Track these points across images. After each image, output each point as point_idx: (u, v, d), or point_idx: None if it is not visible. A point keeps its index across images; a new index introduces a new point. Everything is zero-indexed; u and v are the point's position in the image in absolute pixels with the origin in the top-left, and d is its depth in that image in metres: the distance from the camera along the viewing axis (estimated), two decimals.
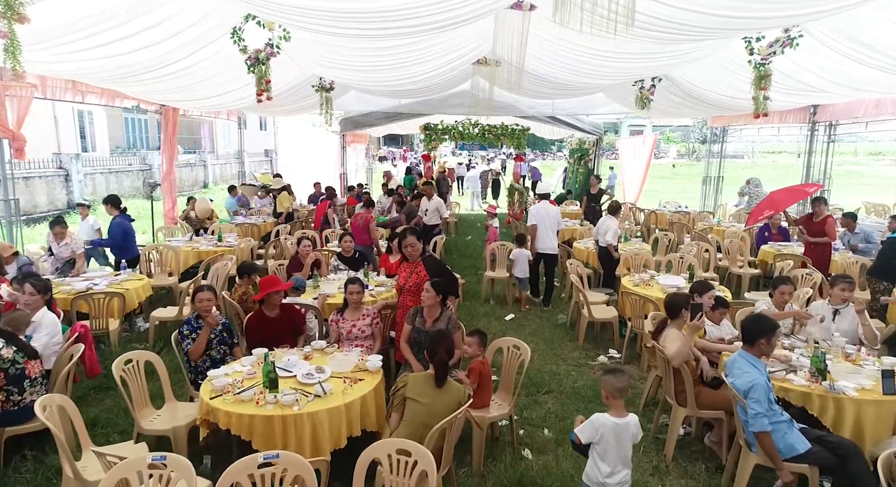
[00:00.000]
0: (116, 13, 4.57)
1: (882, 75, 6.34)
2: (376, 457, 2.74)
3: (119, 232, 7.20)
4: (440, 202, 10.01)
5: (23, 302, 4.09)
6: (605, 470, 2.74)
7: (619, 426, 2.73)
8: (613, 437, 2.73)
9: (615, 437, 2.73)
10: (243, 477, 2.48)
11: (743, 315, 4.74)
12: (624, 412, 2.77)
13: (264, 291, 4.37)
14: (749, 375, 3.29)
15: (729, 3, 4.22)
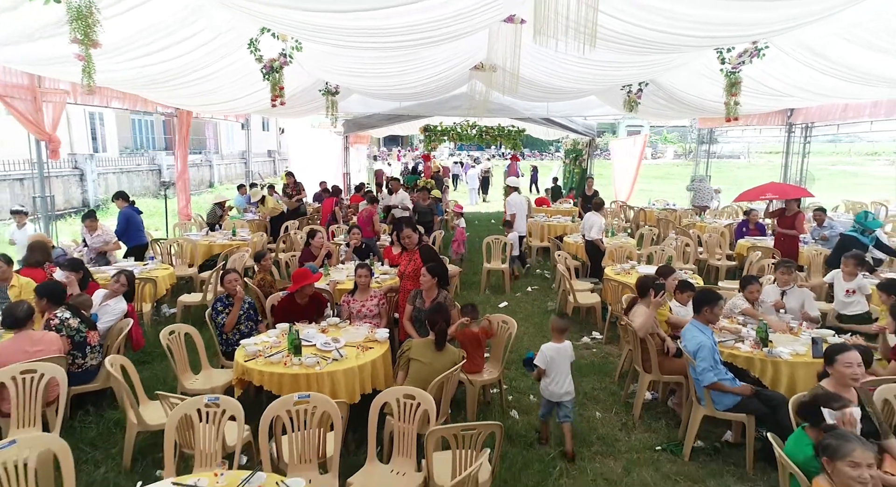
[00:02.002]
0: (154, 31, 5.19)
1: (842, 84, 6.98)
2: (387, 401, 3.37)
3: (122, 220, 7.78)
4: (405, 195, 10.86)
5: (112, 289, 4.77)
6: (553, 383, 4.05)
7: (559, 349, 4.09)
8: (556, 355, 4.06)
9: (558, 355, 4.06)
10: (282, 412, 3.12)
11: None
12: (562, 341, 4.13)
13: (297, 284, 4.97)
14: (697, 338, 3.94)
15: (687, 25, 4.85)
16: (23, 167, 13.64)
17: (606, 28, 4.78)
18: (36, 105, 6.98)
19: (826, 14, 4.66)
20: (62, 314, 4.20)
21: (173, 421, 3.11)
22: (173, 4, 4.98)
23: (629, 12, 4.55)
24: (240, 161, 26.91)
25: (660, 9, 4.44)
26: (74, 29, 3.43)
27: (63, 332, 4.12)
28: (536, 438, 4.28)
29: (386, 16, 5.05)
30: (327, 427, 3.28)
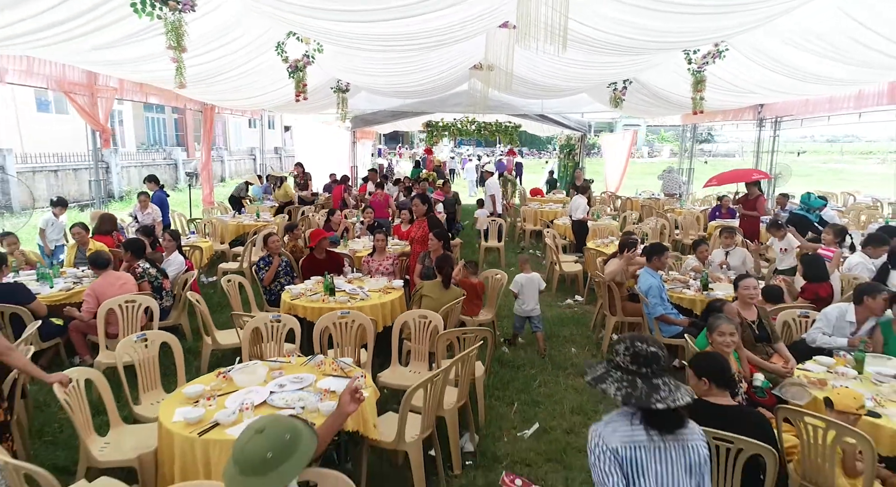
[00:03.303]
0: (206, 37, 6.24)
1: (792, 81, 8.03)
2: (406, 321, 4.44)
3: (157, 202, 8.86)
4: (393, 188, 12.21)
5: (165, 247, 5.89)
6: (524, 303, 5.53)
7: (528, 277, 5.68)
8: (526, 282, 5.62)
9: (527, 282, 5.61)
10: (330, 323, 4.19)
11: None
12: (529, 272, 5.71)
13: (315, 239, 6.07)
14: (648, 281, 5.01)
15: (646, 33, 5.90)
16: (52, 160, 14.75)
17: (579, 33, 5.84)
18: (92, 100, 8.04)
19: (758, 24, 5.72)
20: (143, 264, 5.26)
21: (247, 332, 4.17)
22: (222, 14, 6.04)
23: (596, 21, 5.60)
24: (248, 157, 28.00)
25: (622, 20, 5.50)
26: (169, 37, 4.48)
27: (145, 278, 5.19)
28: (508, 341, 5.79)
29: (397, 24, 6.10)
30: (362, 339, 4.34)
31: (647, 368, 1.94)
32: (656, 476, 1.88)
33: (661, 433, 1.90)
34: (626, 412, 1.98)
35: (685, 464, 1.92)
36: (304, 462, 1.80)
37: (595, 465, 1.91)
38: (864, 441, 2.62)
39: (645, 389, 1.90)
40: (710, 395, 2.71)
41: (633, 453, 1.89)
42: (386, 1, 4.91)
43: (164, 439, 2.88)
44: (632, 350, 1.97)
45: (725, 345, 3.31)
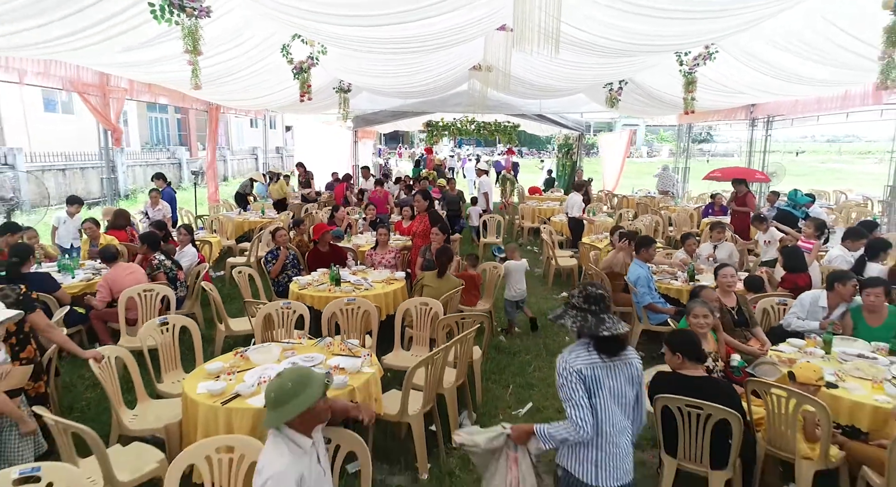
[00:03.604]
0: (216, 40, 6.53)
1: (779, 82, 8.32)
2: (408, 308, 4.73)
3: (166, 198, 9.15)
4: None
5: (180, 240, 6.16)
6: (512, 288, 5.89)
7: (516, 264, 6.01)
8: (514, 268, 5.97)
9: (515, 268, 5.96)
10: (337, 310, 4.48)
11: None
12: (518, 259, 6.01)
13: (318, 233, 6.37)
14: (636, 272, 5.30)
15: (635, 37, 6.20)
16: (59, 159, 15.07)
17: (572, 37, 6.13)
18: (104, 100, 8.33)
19: (743, 28, 6.00)
20: (159, 256, 5.56)
21: (260, 318, 4.46)
22: (232, 18, 6.32)
23: (588, 24, 5.89)
24: (250, 156, 28.30)
25: (612, 24, 5.79)
26: (186, 42, 4.77)
27: (161, 269, 5.48)
28: (505, 330, 6.01)
29: (399, 27, 6.38)
30: (367, 326, 4.63)
31: (596, 306, 2.37)
32: (609, 388, 2.34)
33: (610, 355, 2.35)
34: (583, 343, 2.40)
35: (628, 377, 2.40)
36: (319, 390, 2.12)
37: (563, 385, 2.31)
38: (820, 408, 2.91)
39: (594, 321, 2.34)
40: (683, 368, 3.00)
41: (592, 372, 2.32)
42: (387, 7, 5.19)
43: (189, 409, 3.17)
44: (584, 293, 2.41)
45: (699, 326, 3.60)
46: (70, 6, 4.61)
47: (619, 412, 2.36)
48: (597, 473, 2.32)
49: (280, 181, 12.44)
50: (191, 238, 6.30)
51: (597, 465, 2.32)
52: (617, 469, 2.34)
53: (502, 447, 2.55)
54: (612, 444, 2.33)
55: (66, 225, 7.75)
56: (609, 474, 2.32)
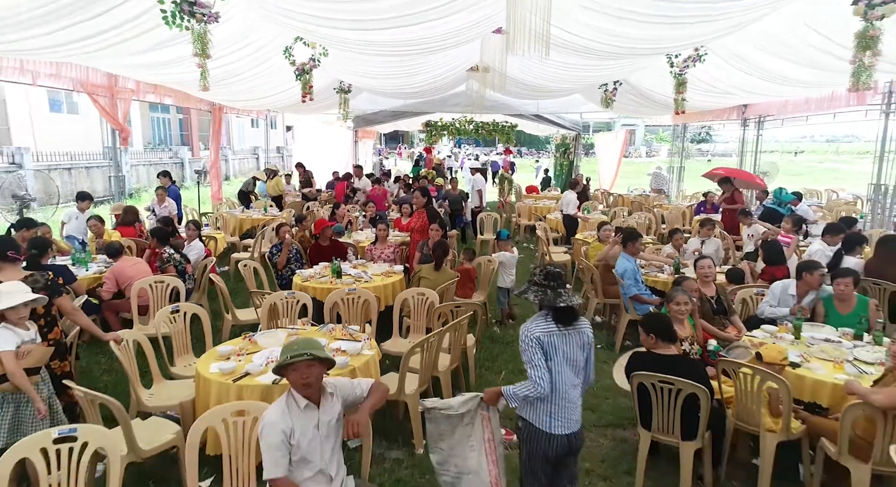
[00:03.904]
0: (225, 44, 6.79)
1: (766, 83, 8.58)
2: (406, 298, 4.99)
3: (172, 195, 9.42)
4: (367, 181, 12.73)
5: (188, 235, 6.43)
6: (502, 278, 6.23)
7: (508, 256, 6.35)
8: (506, 259, 6.29)
9: (507, 259, 6.27)
10: (338, 298, 4.74)
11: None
12: (511, 250, 6.33)
13: (318, 228, 6.64)
14: (624, 265, 5.56)
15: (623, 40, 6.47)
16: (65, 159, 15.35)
17: (564, 40, 6.40)
18: (112, 101, 8.59)
19: (728, 31, 6.27)
20: (169, 250, 5.82)
21: (265, 307, 4.73)
22: (238, 22, 6.58)
23: (579, 28, 6.15)
24: (251, 156, 28.58)
25: (600, 28, 6.05)
26: (196, 46, 5.03)
27: (171, 263, 5.75)
28: (499, 321, 6.33)
29: (398, 31, 6.65)
30: (367, 316, 4.90)
31: (554, 282, 2.74)
32: (563, 352, 2.72)
33: (565, 324, 2.71)
34: (543, 314, 2.77)
35: (580, 343, 2.78)
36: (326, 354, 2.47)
37: (525, 350, 2.71)
38: (781, 384, 3.18)
39: (552, 295, 2.71)
40: (656, 348, 3.27)
41: (549, 338, 2.69)
42: (386, 12, 5.45)
43: (202, 386, 3.43)
44: (544, 272, 2.78)
45: (679, 312, 3.87)
46: (85, 13, 4.88)
47: (571, 373, 2.74)
48: (550, 422, 2.71)
49: (276, 178, 12.81)
50: (198, 233, 6.56)
51: (551, 415, 2.71)
52: (567, 419, 2.72)
53: (475, 409, 2.89)
54: (564, 399, 2.71)
55: (77, 220, 8.02)
56: (560, 423, 2.71)
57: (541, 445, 2.71)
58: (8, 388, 2.97)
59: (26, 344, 3.06)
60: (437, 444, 2.98)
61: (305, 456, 2.39)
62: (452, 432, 2.93)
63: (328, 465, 2.46)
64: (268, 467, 2.33)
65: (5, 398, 3.05)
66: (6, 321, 3.02)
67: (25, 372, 3.00)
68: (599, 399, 4.62)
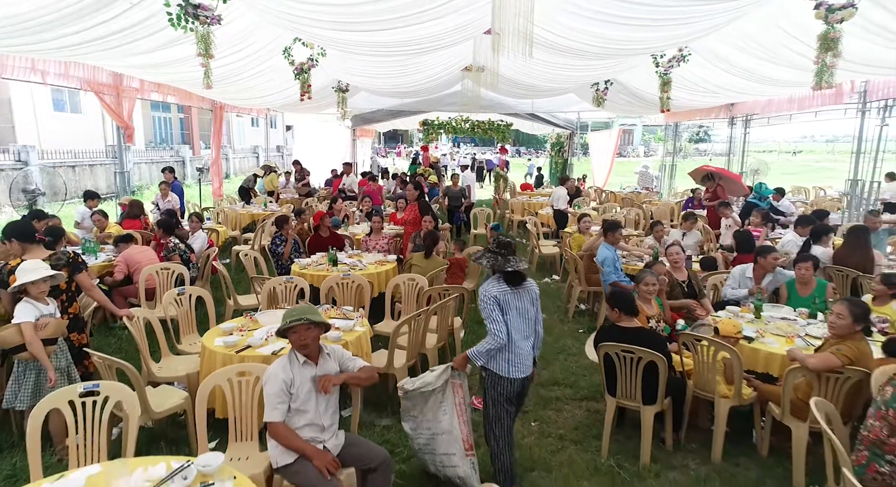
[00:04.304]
0: (227, 44, 7.11)
1: (746, 82, 8.90)
2: (397, 283, 5.32)
3: (175, 189, 9.76)
4: (354, 179, 13.19)
5: (192, 227, 6.75)
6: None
7: None
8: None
9: None
10: (334, 283, 5.07)
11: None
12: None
13: (318, 219, 6.97)
14: (604, 254, 5.89)
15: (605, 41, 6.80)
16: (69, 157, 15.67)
17: (551, 41, 6.73)
18: (118, 100, 8.93)
19: (706, 32, 6.60)
20: (174, 240, 6.15)
21: (265, 290, 5.06)
22: (240, 23, 6.91)
23: (561, 30, 6.48)
24: (251, 155, 28.91)
25: (581, 29, 6.39)
26: (199, 47, 5.36)
27: (176, 252, 6.08)
28: None
29: (392, 32, 6.97)
30: (360, 301, 5.22)
31: (505, 249, 3.17)
32: (517, 307, 3.14)
33: (515, 285, 3.14)
34: (497, 277, 3.19)
35: (530, 299, 3.22)
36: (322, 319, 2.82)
37: (484, 308, 3.10)
38: (734, 353, 3.51)
39: (503, 261, 3.14)
40: (620, 321, 3.61)
41: (503, 297, 3.10)
42: (379, 14, 5.77)
43: (207, 358, 3.76)
44: (497, 241, 3.19)
45: (647, 292, 4.21)
46: (96, 17, 5.21)
47: (524, 326, 3.18)
48: (509, 368, 3.13)
49: (271, 175, 13.30)
50: (201, 225, 6.89)
51: (509, 362, 3.13)
52: (522, 364, 3.16)
53: (448, 378, 3.25)
54: (519, 348, 3.14)
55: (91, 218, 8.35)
56: (517, 368, 3.14)
57: (504, 388, 3.14)
58: (29, 356, 3.30)
59: (45, 317, 3.38)
60: (409, 413, 3.37)
61: (301, 406, 2.72)
62: (425, 402, 3.30)
63: (321, 417, 2.78)
64: (268, 412, 2.66)
65: (27, 366, 3.37)
66: (28, 296, 3.35)
67: (42, 342, 3.33)
68: (577, 377, 4.95)
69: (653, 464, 3.57)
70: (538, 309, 3.29)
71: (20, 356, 3.33)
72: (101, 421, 2.75)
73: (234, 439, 3.04)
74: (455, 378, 3.28)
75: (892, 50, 6.29)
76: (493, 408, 3.18)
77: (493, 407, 3.18)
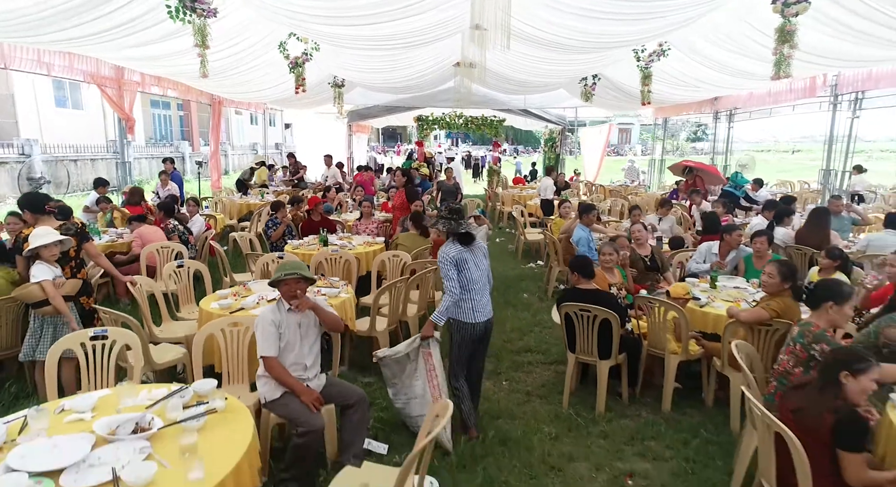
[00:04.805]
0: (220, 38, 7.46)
1: (721, 75, 9.26)
2: (383, 260, 5.68)
3: (175, 179, 10.13)
4: (336, 170, 13.62)
5: (189, 211, 7.11)
6: None
7: (478, 228, 6.30)
8: (480, 231, 6.21)
9: (476, 230, 5.96)
10: (323, 258, 5.44)
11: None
12: (481, 225, 6.46)
13: (312, 203, 7.34)
14: (579, 234, 6.26)
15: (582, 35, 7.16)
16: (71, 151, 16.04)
17: (527, 34, 7.10)
18: (120, 92, 9.28)
19: (676, 26, 6.96)
20: (174, 222, 6.52)
21: (259, 264, 5.42)
22: (236, 17, 7.26)
23: (539, 23, 6.84)
24: (250, 152, 29.28)
25: (560, 23, 6.75)
26: (197, 37, 5.72)
27: (175, 233, 6.44)
28: None
29: (380, 27, 7.32)
30: (348, 277, 5.58)
31: (456, 215, 3.58)
32: (473, 262, 3.57)
33: (466, 245, 3.57)
34: (451, 241, 3.60)
35: (481, 255, 3.67)
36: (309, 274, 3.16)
37: (442, 268, 3.52)
38: (681, 313, 3.87)
39: (455, 225, 3.55)
40: (579, 283, 3.98)
41: (460, 255, 3.52)
42: (364, 9, 6.14)
43: (204, 318, 4.11)
44: (448, 208, 3.58)
45: (606, 262, 4.58)
46: (101, 9, 5.57)
47: (480, 276, 3.62)
48: (473, 314, 3.57)
49: (262, 168, 13.83)
50: (198, 209, 7.25)
51: (473, 309, 3.57)
52: (483, 309, 3.61)
53: (417, 348, 3.62)
54: (479, 296, 3.60)
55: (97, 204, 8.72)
56: (480, 313, 3.59)
57: (468, 330, 3.57)
58: (49, 311, 3.66)
59: (60, 278, 3.75)
60: (391, 381, 3.76)
61: (287, 347, 3.08)
62: (403, 371, 3.68)
63: (305, 357, 3.14)
64: (262, 347, 3.01)
65: (45, 321, 3.74)
66: (40, 259, 3.71)
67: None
68: (549, 345, 5.31)
69: (608, 412, 3.94)
70: (488, 262, 3.74)
71: (42, 310, 3.69)
72: (108, 364, 3.12)
73: (227, 382, 3.40)
74: (425, 347, 3.62)
75: (859, 45, 6.67)
76: (459, 350, 3.57)
77: (458, 350, 3.57)
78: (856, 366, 2.24)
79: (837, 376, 2.27)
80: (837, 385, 2.26)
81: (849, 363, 2.26)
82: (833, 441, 2.17)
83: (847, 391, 2.24)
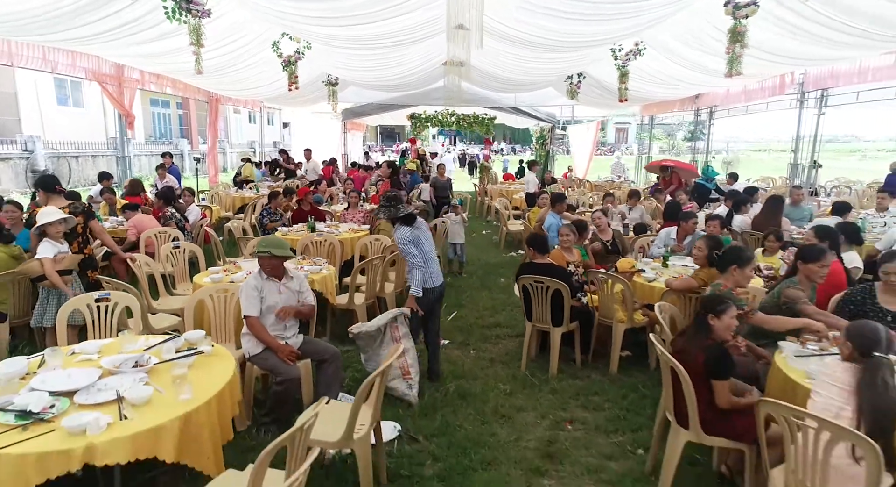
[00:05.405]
0: (215, 37, 7.90)
1: (693, 73, 9.70)
2: (365, 244, 6.12)
3: (173, 172, 10.57)
4: (317, 163, 14.22)
5: (186, 200, 7.55)
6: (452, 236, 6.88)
7: (455, 218, 7.07)
8: (453, 220, 7.10)
9: (454, 221, 7.17)
10: (309, 242, 5.87)
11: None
12: (458, 215, 6.88)
13: (302, 194, 7.78)
14: (549, 221, 6.70)
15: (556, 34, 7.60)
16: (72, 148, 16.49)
17: (499, 31, 7.54)
18: (120, 89, 9.71)
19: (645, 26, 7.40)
20: (170, 209, 6.95)
21: (250, 247, 5.85)
22: (230, 18, 7.69)
23: (513, 23, 7.28)
24: (248, 150, 29.72)
25: (534, 23, 7.18)
26: (192, 36, 6.15)
27: (172, 220, 6.87)
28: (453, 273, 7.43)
29: (367, 26, 7.75)
30: (334, 260, 6.02)
31: (394, 201, 4.07)
32: (423, 237, 4.11)
33: (410, 224, 4.04)
34: (403, 225, 4.05)
35: (426, 229, 4.21)
36: (287, 253, 3.57)
37: (403, 248, 4.01)
38: (625, 285, 4.31)
39: (394, 210, 4.04)
40: (535, 258, 4.41)
41: (413, 234, 4.03)
42: (348, 10, 6.57)
43: (197, 291, 4.55)
44: (387, 196, 4.07)
45: (564, 242, 5.01)
46: (104, 11, 6.01)
47: (430, 247, 4.19)
48: (431, 280, 4.10)
49: (248, 164, 14.39)
50: (193, 199, 7.68)
51: (431, 277, 4.10)
52: (438, 276, 4.18)
53: (386, 323, 3.99)
54: (434, 264, 4.16)
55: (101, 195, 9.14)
56: (436, 278, 4.15)
57: (429, 294, 4.09)
58: (48, 284, 4.10)
59: (62, 254, 4.18)
60: (365, 351, 4.16)
61: (268, 310, 3.52)
62: (374, 342, 4.08)
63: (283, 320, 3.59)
64: (245, 308, 3.45)
65: (50, 292, 4.17)
66: (48, 236, 4.14)
67: (59, 274, 4.12)
68: (518, 322, 5.73)
69: (560, 374, 4.38)
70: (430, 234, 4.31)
71: (44, 283, 4.12)
72: (111, 324, 3.55)
73: (215, 341, 3.82)
74: (393, 322, 4.02)
75: (816, 45, 7.11)
76: (418, 314, 4.03)
77: (417, 313, 4.00)
78: (717, 308, 2.70)
79: (706, 319, 2.71)
80: (707, 327, 2.71)
81: (712, 306, 2.72)
82: (705, 373, 2.62)
83: (714, 331, 2.69)
